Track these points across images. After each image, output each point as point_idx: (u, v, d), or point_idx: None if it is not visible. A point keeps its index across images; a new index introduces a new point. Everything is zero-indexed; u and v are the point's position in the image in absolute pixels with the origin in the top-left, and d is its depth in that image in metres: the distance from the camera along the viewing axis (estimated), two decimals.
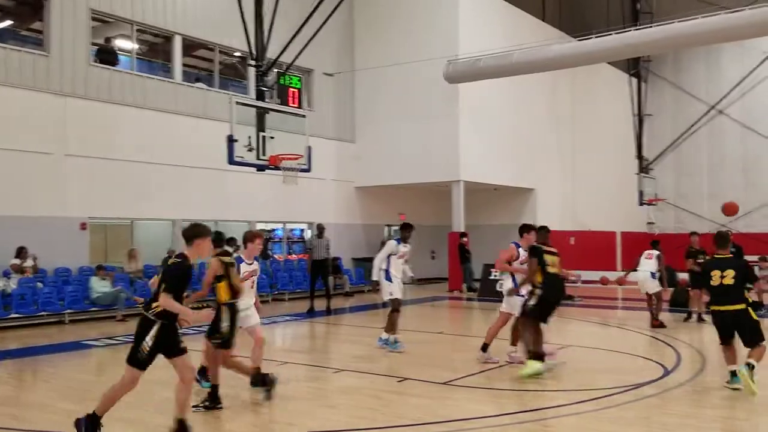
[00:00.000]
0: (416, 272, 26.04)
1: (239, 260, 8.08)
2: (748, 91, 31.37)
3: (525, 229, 9.80)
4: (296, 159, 13.54)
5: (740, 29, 17.34)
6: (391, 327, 10.93)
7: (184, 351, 6.06)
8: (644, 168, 30.91)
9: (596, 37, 19.38)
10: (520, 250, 9.66)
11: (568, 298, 9.07)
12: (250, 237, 8.28)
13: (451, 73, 21.18)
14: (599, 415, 7.11)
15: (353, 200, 24.62)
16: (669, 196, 32.82)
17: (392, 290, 10.86)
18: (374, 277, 11.04)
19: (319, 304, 16.81)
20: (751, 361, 7.72)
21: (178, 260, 5.96)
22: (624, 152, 31.44)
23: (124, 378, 6.02)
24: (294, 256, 23.43)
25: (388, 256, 10.88)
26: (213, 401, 7.36)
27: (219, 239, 8.23)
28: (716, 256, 8.25)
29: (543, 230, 9.41)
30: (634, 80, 31.96)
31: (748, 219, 30.02)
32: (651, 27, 19.02)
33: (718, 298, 7.95)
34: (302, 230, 24.02)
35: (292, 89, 14.75)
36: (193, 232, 6.13)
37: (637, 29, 19.64)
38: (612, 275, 23.37)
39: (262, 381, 7.77)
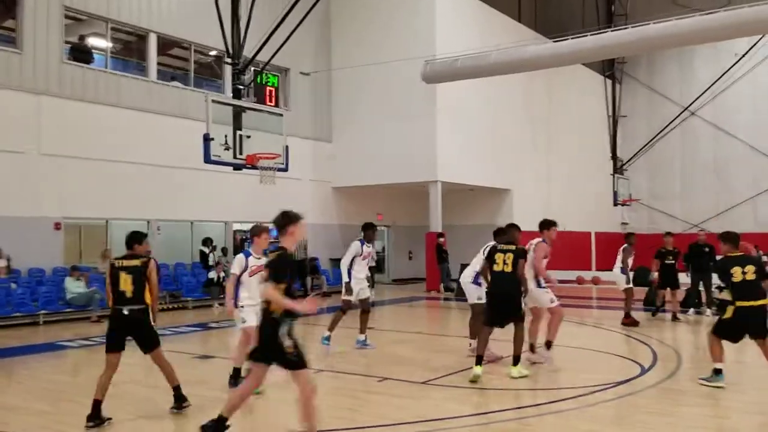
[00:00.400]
0: (394, 273, 26.03)
1: (247, 254, 8.10)
2: (720, 93, 31.87)
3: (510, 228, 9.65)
4: (273, 158, 13.50)
5: (713, 31, 17.59)
6: (337, 325, 11.04)
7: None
8: (619, 169, 31.28)
9: (572, 38, 19.55)
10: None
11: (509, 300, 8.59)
12: (257, 231, 8.29)
13: (428, 73, 21.23)
14: (579, 413, 7.16)
15: (330, 200, 24.58)
16: (642, 196, 33.23)
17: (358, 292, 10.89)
18: (345, 279, 10.92)
19: None
20: None
21: (279, 252, 5.71)
22: (599, 153, 31.75)
23: (303, 386, 5.48)
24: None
25: (353, 258, 10.87)
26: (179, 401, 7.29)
27: (131, 240, 7.30)
28: (730, 254, 8.30)
29: (505, 230, 9.39)
30: (609, 82, 32.32)
31: (721, 219, 30.46)
32: (625, 29, 19.23)
33: (743, 294, 7.96)
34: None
35: (269, 88, 14.70)
36: (286, 219, 5.87)
37: (611, 31, 19.83)
38: (587, 275, 23.60)
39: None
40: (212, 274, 18.49)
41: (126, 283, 6.89)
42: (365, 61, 22.82)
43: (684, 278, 16.43)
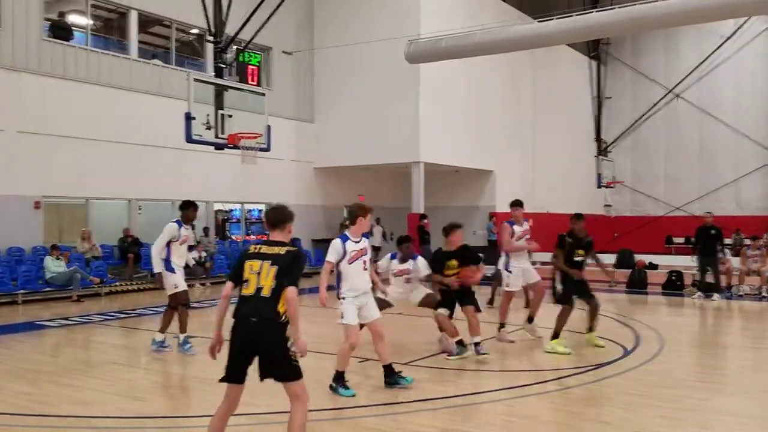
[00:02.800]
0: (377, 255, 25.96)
1: (344, 238, 6.93)
2: (706, 75, 31.92)
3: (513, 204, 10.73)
4: (255, 138, 13.36)
5: (699, 12, 17.52)
6: (170, 325, 9.40)
7: None
8: (603, 150, 31.33)
9: (556, 18, 19.44)
10: (515, 227, 10.45)
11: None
12: (359, 212, 7.02)
13: (412, 53, 21.04)
14: (561, 395, 7.18)
15: (312, 181, 24.45)
16: (626, 178, 33.33)
17: (177, 282, 9.23)
18: (155, 269, 9.18)
19: None
20: None
21: (294, 248, 4.94)
22: (583, 134, 31.80)
23: (299, 398, 4.89)
24: (252, 236, 23.21)
25: (168, 243, 9.19)
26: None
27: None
28: None
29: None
30: (594, 63, 32.27)
31: (704, 202, 30.70)
32: (611, 9, 19.14)
33: None
34: (260, 211, 23.78)
35: (251, 67, 14.51)
36: (285, 215, 5.04)
37: (597, 11, 19.73)
38: None
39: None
40: (194, 254, 18.33)
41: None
42: (348, 40, 22.61)
43: (690, 261, 16.39)
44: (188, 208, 9.45)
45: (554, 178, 29.53)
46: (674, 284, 16.74)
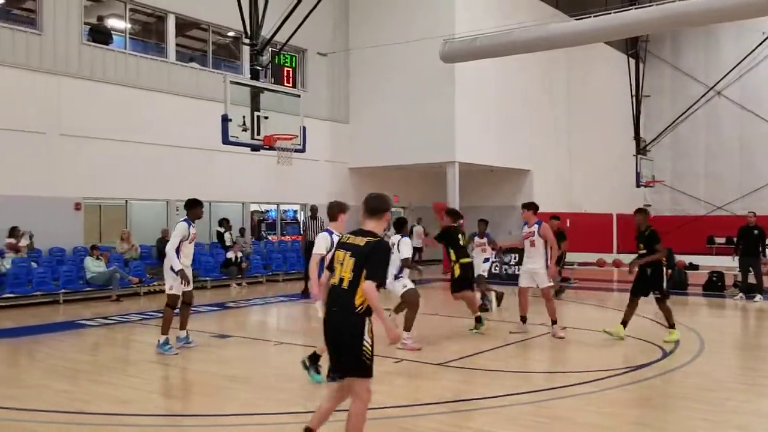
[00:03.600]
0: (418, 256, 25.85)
1: (330, 232, 7.57)
2: (747, 72, 31.22)
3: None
4: (291, 139, 13.42)
5: (740, 9, 17.13)
6: (165, 326, 9.22)
7: None
8: (642, 149, 30.80)
9: (594, 16, 19.19)
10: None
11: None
12: (337, 209, 7.72)
13: (447, 52, 20.96)
14: (598, 396, 7.06)
15: (347, 181, 24.48)
16: (666, 177, 32.77)
17: (172, 283, 9.17)
18: (176, 268, 9.04)
19: None
20: None
21: (378, 238, 4.81)
22: (621, 133, 31.32)
23: (359, 396, 4.71)
24: (287, 237, 23.35)
25: (180, 242, 9.21)
26: None
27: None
28: None
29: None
30: (632, 60, 31.76)
31: (746, 201, 30.00)
32: (649, 6, 18.82)
33: None
34: (295, 211, 23.92)
35: (286, 69, 14.59)
36: (386, 204, 4.97)
37: (635, 8, 19.42)
38: (608, 257, 23.31)
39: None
40: (230, 254, 18.55)
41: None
42: (383, 40, 22.62)
43: (731, 262, 16.09)
44: (196, 207, 9.57)
45: (592, 177, 29.16)
46: (715, 285, 16.40)
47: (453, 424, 6.11)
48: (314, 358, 7.45)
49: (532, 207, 10.69)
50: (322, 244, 7.42)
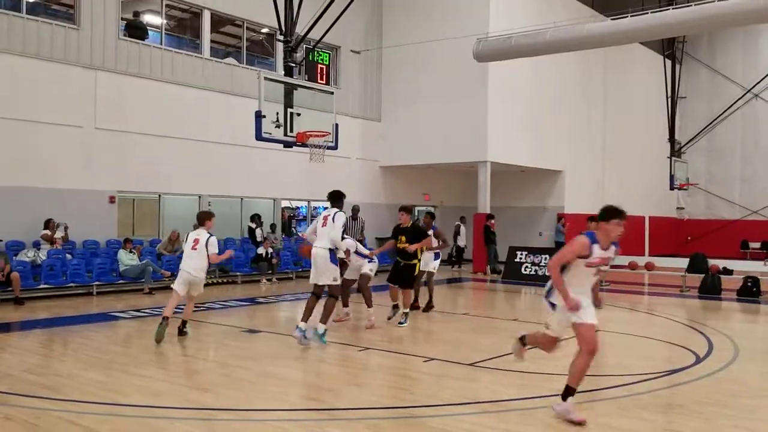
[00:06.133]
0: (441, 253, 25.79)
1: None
2: None
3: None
4: (323, 136, 13.46)
5: None
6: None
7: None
8: (676, 152, 30.34)
9: (631, 16, 18.97)
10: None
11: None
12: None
13: (480, 51, 20.89)
14: (629, 401, 6.98)
15: (378, 179, 24.52)
16: (700, 180, 32.27)
17: (335, 274, 9.83)
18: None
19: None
20: None
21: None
22: (656, 135, 30.89)
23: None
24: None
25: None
26: None
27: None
28: None
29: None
30: (668, 61, 31.30)
31: None
32: (687, 6, 18.55)
33: None
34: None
35: (320, 66, 14.65)
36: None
37: (672, 9, 19.15)
38: (641, 260, 23.05)
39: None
40: (260, 250, 18.67)
41: None
42: (416, 39, 22.60)
43: (764, 267, 15.82)
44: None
45: (625, 179, 28.83)
46: (750, 291, 16.12)
47: (482, 425, 6.08)
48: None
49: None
50: None
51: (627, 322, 12.50)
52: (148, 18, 19.07)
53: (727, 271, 17.83)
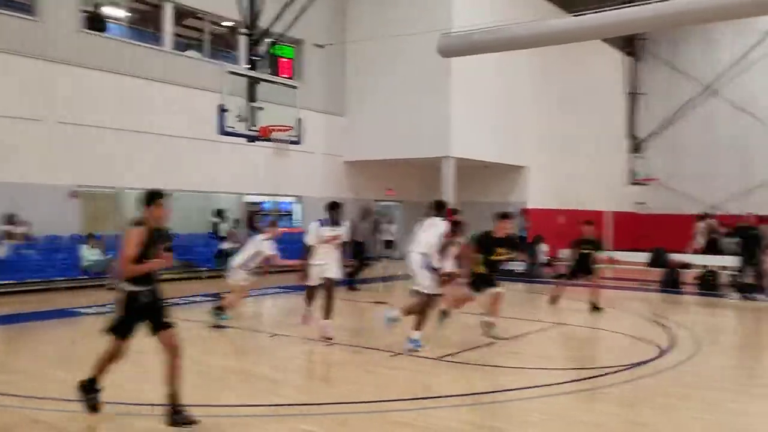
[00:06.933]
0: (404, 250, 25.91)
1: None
2: (744, 72, 31.30)
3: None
4: (287, 131, 13.40)
5: (738, 8, 17.11)
6: None
7: None
8: (636, 147, 30.90)
9: (592, 13, 19.18)
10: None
11: None
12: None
13: (444, 46, 20.91)
14: (592, 394, 7.10)
15: (342, 174, 24.43)
16: (660, 175, 32.84)
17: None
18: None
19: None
20: None
21: None
22: (616, 131, 31.38)
23: None
24: (284, 229, 23.21)
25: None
26: None
27: None
28: None
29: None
30: (629, 58, 31.80)
31: (742, 201, 30.08)
32: (647, 4, 18.83)
33: None
34: (290, 204, 23.82)
35: (283, 60, 14.57)
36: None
37: (632, 6, 19.42)
38: (601, 254, 23.41)
39: None
40: (224, 245, 18.51)
41: None
42: (380, 33, 22.56)
43: (725, 261, 16.11)
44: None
45: (586, 174, 29.18)
46: (709, 284, 16.47)
47: (448, 418, 6.13)
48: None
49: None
50: None
51: (590, 316, 12.67)
52: (109, 10, 18.74)
53: (687, 266, 18.23)
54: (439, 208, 9.65)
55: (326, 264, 9.84)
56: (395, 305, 10.03)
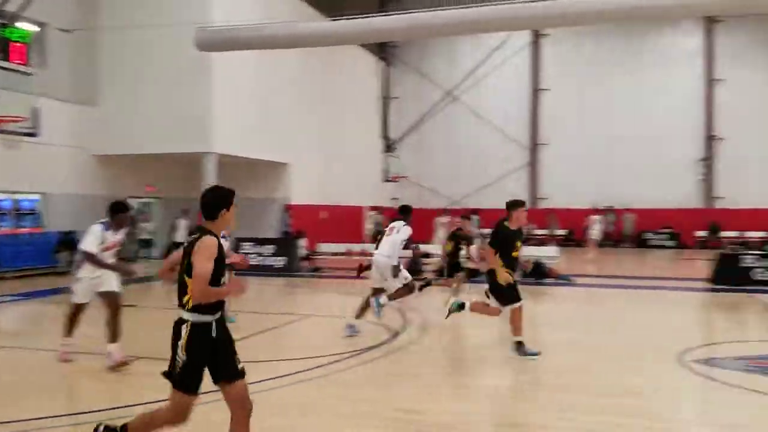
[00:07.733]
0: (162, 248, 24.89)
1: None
2: (479, 81, 34.86)
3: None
4: (19, 121, 12.40)
5: (471, 24, 18.93)
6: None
7: None
8: (389, 147, 32.82)
9: (345, 19, 20.00)
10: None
11: None
12: None
13: (201, 40, 20.57)
14: (326, 380, 7.48)
15: (95, 169, 22.85)
16: (412, 174, 35.17)
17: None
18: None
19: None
20: None
21: None
22: (372, 131, 32.99)
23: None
24: (25, 229, 21.11)
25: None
26: None
27: None
28: None
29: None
30: (382, 63, 33.66)
31: (477, 197, 33.36)
32: (395, 14, 20.10)
33: None
34: (33, 201, 21.79)
35: (18, 44, 13.45)
36: None
37: (381, 15, 20.60)
38: (357, 247, 24.51)
39: None
40: None
41: None
42: (136, 21, 21.46)
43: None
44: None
45: (345, 171, 30.32)
46: (442, 271, 17.91)
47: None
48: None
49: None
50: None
51: (335, 306, 13.13)
52: None
53: (429, 255, 19.81)
54: (404, 213, 10.03)
55: (102, 276, 8.11)
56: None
